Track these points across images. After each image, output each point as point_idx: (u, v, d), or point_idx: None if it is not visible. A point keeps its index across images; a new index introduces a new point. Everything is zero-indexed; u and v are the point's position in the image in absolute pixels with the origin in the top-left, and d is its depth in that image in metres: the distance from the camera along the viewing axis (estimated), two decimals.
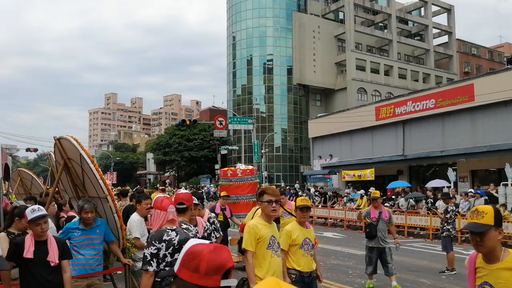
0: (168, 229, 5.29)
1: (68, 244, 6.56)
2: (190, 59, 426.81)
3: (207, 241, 2.22)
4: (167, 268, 5.04)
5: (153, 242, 5.19)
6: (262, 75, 71.79)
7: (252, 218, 6.92)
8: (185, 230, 5.55)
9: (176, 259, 5.24)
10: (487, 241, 3.67)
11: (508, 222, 19.60)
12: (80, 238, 6.89)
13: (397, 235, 12.44)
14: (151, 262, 5.07)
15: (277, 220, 8.81)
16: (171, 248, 5.15)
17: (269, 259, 5.73)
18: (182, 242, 5.04)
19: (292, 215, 11.67)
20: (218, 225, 8.95)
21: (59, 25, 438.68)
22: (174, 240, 5.19)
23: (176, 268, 2.18)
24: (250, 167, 16.44)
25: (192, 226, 6.40)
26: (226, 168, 16.90)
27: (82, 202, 7.16)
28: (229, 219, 13.25)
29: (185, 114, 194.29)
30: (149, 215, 8.07)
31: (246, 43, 72.57)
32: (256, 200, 6.84)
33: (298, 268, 6.68)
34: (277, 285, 1.89)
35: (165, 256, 5.12)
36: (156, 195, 21.72)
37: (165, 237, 5.19)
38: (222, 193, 13.59)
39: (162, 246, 5.15)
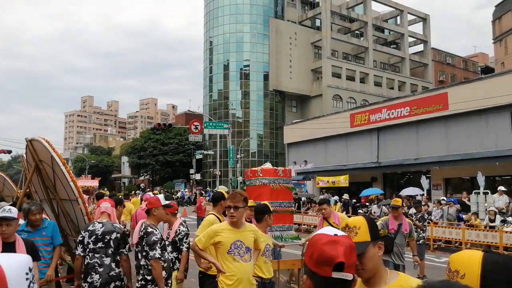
0: (97, 221, 6.47)
1: None
2: (168, 63, 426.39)
3: (336, 230, 2.26)
4: (90, 254, 6.25)
5: (81, 231, 6.54)
6: (238, 81, 71.86)
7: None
8: (114, 224, 6.59)
9: (100, 246, 6.20)
10: (367, 263, 2.72)
11: (479, 230, 19.81)
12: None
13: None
14: (78, 247, 6.37)
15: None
16: (93, 237, 6.28)
17: (229, 264, 5.51)
18: (106, 233, 6.31)
19: None
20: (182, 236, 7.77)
21: (39, 27, 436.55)
22: (98, 230, 6.30)
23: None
24: (283, 168, 14.66)
25: (157, 228, 6.44)
26: (267, 167, 15.08)
27: (28, 205, 7.11)
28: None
29: (161, 118, 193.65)
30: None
31: (223, 48, 72.55)
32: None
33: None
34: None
35: (88, 243, 6.29)
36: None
37: (90, 228, 6.38)
38: (250, 203, 11.07)
39: (86, 234, 6.33)
